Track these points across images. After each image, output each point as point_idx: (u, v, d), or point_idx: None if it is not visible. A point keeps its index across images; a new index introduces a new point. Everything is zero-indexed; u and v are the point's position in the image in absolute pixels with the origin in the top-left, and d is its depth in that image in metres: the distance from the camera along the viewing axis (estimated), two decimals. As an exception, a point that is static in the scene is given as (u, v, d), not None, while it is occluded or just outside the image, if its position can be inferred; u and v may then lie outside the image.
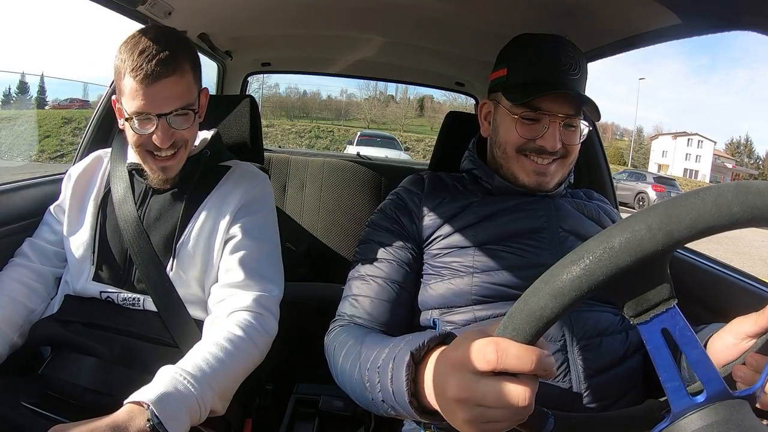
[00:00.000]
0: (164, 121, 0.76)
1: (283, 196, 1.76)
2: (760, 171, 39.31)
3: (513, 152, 0.80)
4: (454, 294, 0.77)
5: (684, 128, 39.25)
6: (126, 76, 0.74)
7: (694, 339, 0.37)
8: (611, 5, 0.92)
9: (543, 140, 0.77)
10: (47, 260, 0.88)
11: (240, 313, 0.78)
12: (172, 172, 0.83)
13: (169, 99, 0.75)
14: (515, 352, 0.36)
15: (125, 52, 0.74)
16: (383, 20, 1.32)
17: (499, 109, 0.82)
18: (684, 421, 0.38)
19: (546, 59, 0.77)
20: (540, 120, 0.77)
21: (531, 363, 0.36)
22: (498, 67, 0.84)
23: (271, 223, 0.91)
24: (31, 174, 1.22)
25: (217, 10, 1.25)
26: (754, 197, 0.33)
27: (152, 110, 0.75)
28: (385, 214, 0.86)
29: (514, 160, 0.80)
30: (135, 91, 0.73)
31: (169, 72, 0.74)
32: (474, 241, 0.78)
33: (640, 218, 0.35)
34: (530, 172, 0.79)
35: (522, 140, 0.78)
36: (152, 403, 0.60)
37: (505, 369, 0.37)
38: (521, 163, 0.80)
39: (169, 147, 0.78)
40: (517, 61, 0.80)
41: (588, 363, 0.71)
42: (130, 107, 0.75)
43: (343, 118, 30.90)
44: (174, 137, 0.78)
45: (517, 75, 0.79)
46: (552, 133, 0.76)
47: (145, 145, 0.79)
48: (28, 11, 57.82)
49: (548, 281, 0.37)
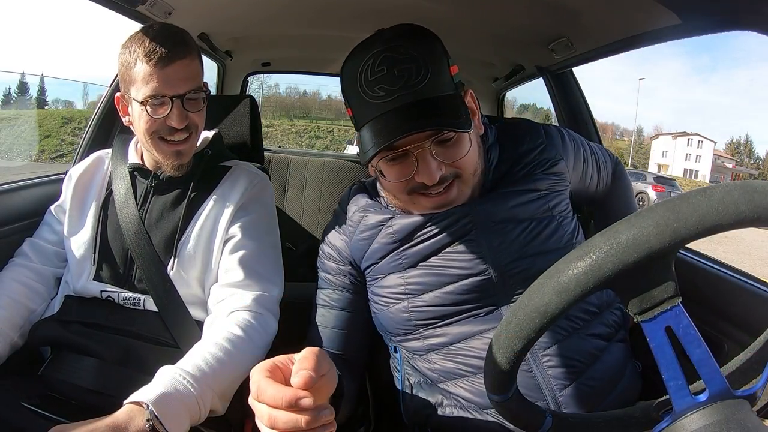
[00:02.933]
0: (179, 102, 0.78)
1: (283, 196, 1.76)
2: (760, 171, 39.34)
3: (404, 195, 0.69)
4: (395, 322, 0.75)
5: (684, 128, 39.31)
6: (138, 63, 0.75)
7: (697, 338, 0.36)
8: (611, 5, 0.92)
9: (419, 176, 0.64)
10: (47, 260, 0.88)
11: (240, 313, 0.78)
12: (185, 158, 0.84)
13: (182, 80, 0.77)
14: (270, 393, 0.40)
15: (134, 44, 0.76)
16: (383, 20, 1.32)
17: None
18: (685, 420, 0.38)
19: (378, 84, 0.61)
20: (407, 154, 0.64)
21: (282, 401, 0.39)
22: (347, 105, 0.69)
23: (271, 222, 0.91)
24: (31, 174, 1.21)
25: (217, 10, 1.25)
26: (760, 196, 0.33)
27: (167, 91, 0.76)
28: (326, 240, 0.82)
29: (409, 202, 0.70)
30: (149, 74, 0.75)
31: (181, 54, 0.77)
32: (400, 263, 0.73)
33: (647, 215, 0.35)
34: (430, 208, 0.70)
35: (401, 184, 0.66)
36: (152, 404, 0.60)
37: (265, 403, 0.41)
38: (418, 202, 0.69)
39: (182, 130, 0.80)
40: (353, 98, 0.65)
41: (555, 372, 0.67)
42: (143, 92, 0.76)
43: (343, 118, 30.86)
44: (188, 119, 0.80)
45: (359, 115, 0.65)
46: (425, 166, 0.63)
47: (159, 131, 0.79)
48: (28, 11, 57.82)
49: (553, 276, 0.37)
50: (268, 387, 0.40)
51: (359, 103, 0.64)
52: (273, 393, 0.40)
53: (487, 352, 0.44)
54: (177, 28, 0.81)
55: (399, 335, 0.76)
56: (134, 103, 0.78)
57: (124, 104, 0.82)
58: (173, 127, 0.78)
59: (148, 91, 0.76)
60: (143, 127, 0.79)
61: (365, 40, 0.67)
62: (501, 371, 0.42)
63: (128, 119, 0.83)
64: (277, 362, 0.43)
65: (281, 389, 0.40)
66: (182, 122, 0.79)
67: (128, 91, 0.79)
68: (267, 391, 0.40)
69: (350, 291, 0.80)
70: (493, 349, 0.42)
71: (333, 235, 0.81)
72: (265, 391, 0.40)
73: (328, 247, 0.82)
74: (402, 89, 0.61)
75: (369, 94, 0.62)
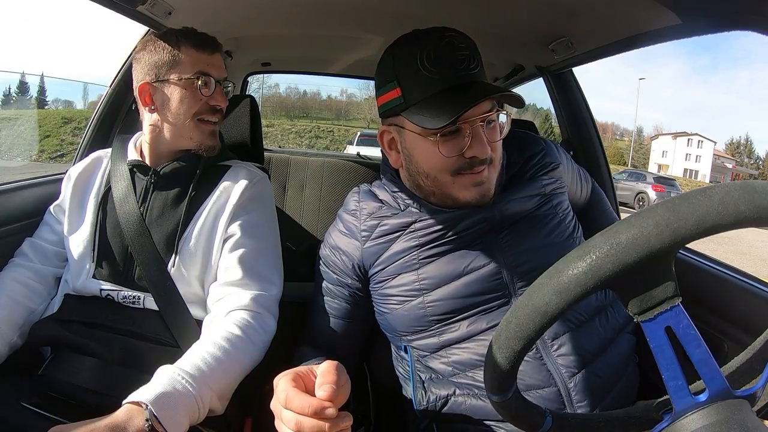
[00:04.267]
0: (220, 86, 0.87)
1: (283, 196, 1.76)
2: (760, 171, 39.32)
3: (447, 176, 0.71)
4: (410, 320, 0.75)
5: (684, 128, 39.28)
6: (184, 48, 0.84)
7: (697, 338, 0.36)
8: (611, 5, 0.92)
9: (472, 150, 0.67)
10: (47, 260, 0.88)
11: (238, 313, 0.78)
12: (217, 139, 0.91)
13: (222, 68, 0.88)
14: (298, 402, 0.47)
15: (179, 35, 0.85)
16: (383, 20, 1.32)
17: (407, 135, 0.72)
18: (685, 420, 0.38)
19: (442, 61, 0.66)
20: (460, 130, 0.67)
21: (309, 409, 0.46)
22: (386, 89, 0.71)
23: (271, 222, 0.91)
24: (31, 174, 1.21)
25: (217, 11, 1.25)
26: (760, 196, 0.33)
27: (214, 74, 0.86)
28: (327, 244, 0.84)
29: (449, 183, 0.71)
30: (198, 57, 0.85)
31: (219, 48, 0.89)
32: (415, 263, 0.75)
33: (647, 215, 0.35)
34: (470, 187, 0.71)
35: (452, 160, 0.69)
36: (150, 403, 0.60)
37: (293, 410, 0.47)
38: (459, 183, 0.71)
39: (219, 112, 0.88)
40: (410, 75, 0.68)
41: (566, 361, 0.70)
42: (192, 70, 0.84)
43: (343, 118, 30.90)
44: (225, 102, 0.89)
45: (415, 92, 0.67)
46: (478, 140, 0.67)
47: (201, 112, 0.86)
48: (28, 11, 57.82)
49: (553, 276, 0.37)
50: (296, 396, 0.47)
51: (418, 80, 0.67)
52: (300, 402, 0.46)
53: (486, 352, 0.44)
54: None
55: (412, 333, 0.77)
56: (173, 87, 0.84)
57: (149, 93, 0.85)
58: (215, 107, 0.87)
59: (198, 69, 0.84)
60: (186, 106, 0.84)
61: (415, 31, 0.71)
62: (501, 371, 0.42)
63: (153, 107, 0.85)
64: (299, 372, 0.50)
65: (308, 399, 0.46)
66: (225, 101, 0.88)
67: (167, 75, 0.84)
68: (295, 400, 0.47)
69: (349, 302, 0.83)
70: (493, 348, 0.42)
71: (341, 240, 0.81)
72: (293, 400, 0.47)
73: (333, 254, 0.82)
74: (463, 70, 0.67)
75: (432, 71, 0.66)
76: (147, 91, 0.85)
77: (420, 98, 0.67)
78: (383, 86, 0.72)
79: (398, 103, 0.70)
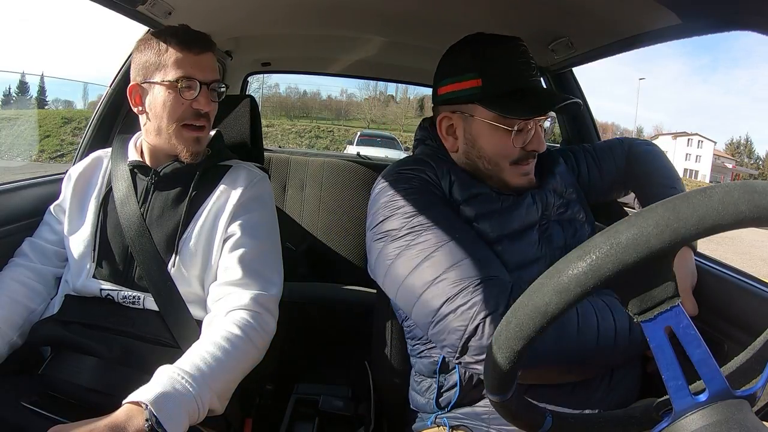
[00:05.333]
0: (205, 88, 0.83)
1: (283, 196, 1.76)
2: (760, 171, 39.31)
3: (506, 164, 0.78)
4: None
5: (684, 128, 39.18)
6: (170, 49, 0.81)
7: (697, 338, 0.36)
8: (611, 5, 0.92)
9: (533, 145, 0.77)
10: (47, 260, 0.88)
11: (238, 312, 0.78)
12: (202, 144, 0.88)
13: (210, 69, 0.84)
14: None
15: (163, 35, 0.82)
16: (383, 20, 1.32)
17: (475, 122, 0.78)
18: (685, 420, 0.38)
19: (520, 65, 0.76)
20: (527, 126, 0.77)
21: None
22: (463, 77, 0.78)
23: (271, 222, 0.91)
24: (31, 174, 1.21)
25: (217, 10, 1.25)
26: (760, 196, 0.33)
27: (199, 76, 0.82)
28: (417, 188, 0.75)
29: (507, 170, 0.79)
30: (183, 59, 0.81)
31: (209, 48, 0.84)
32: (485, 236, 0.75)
33: (647, 215, 0.35)
34: (520, 176, 0.80)
35: (515, 150, 0.77)
36: (150, 403, 0.60)
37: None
38: (514, 171, 0.79)
39: (203, 116, 0.84)
40: (494, 70, 0.76)
41: None
42: (175, 74, 0.80)
43: (343, 118, 30.89)
44: (210, 106, 0.85)
45: (496, 85, 0.76)
46: (539, 137, 0.78)
47: (184, 116, 0.83)
48: (27, 11, 57.84)
49: (553, 276, 0.37)
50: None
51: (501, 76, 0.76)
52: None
53: (486, 352, 0.44)
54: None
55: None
56: (158, 88, 0.81)
57: (139, 94, 0.84)
58: (198, 111, 0.83)
59: (180, 72, 0.80)
60: (168, 111, 0.82)
61: (494, 34, 0.80)
62: (501, 371, 0.42)
63: (141, 109, 0.84)
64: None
65: None
66: (209, 106, 0.84)
67: (152, 77, 0.81)
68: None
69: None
70: (493, 349, 0.42)
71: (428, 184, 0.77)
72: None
73: (421, 176, 0.77)
74: (533, 76, 0.78)
75: (513, 72, 0.76)
76: (137, 92, 0.84)
77: (500, 92, 0.76)
78: (456, 75, 0.78)
79: (475, 92, 0.77)
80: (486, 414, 0.74)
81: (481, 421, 0.75)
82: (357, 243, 1.73)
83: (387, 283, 0.74)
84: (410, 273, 0.69)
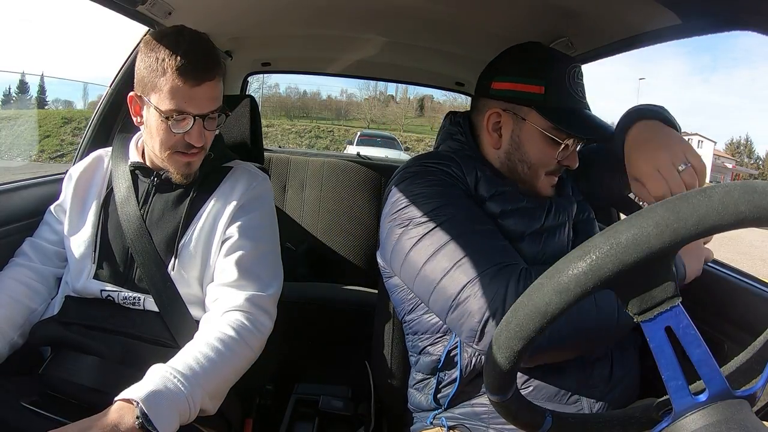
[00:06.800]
0: (200, 121, 0.78)
1: (283, 196, 1.76)
2: (760, 171, 39.29)
3: (542, 173, 0.81)
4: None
5: (684, 128, 39.08)
6: (167, 74, 0.74)
7: (697, 338, 0.36)
8: (611, 5, 0.92)
9: (569, 161, 0.80)
10: (48, 260, 0.88)
11: (233, 313, 0.78)
12: (194, 167, 0.85)
13: (208, 100, 0.78)
14: None
15: (164, 50, 0.74)
16: (383, 20, 1.32)
17: (526, 126, 0.79)
18: (685, 420, 0.38)
19: (578, 86, 0.79)
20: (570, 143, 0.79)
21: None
22: (529, 81, 0.78)
23: (270, 222, 0.91)
24: (31, 174, 1.21)
25: (217, 10, 1.25)
26: (760, 196, 0.33)
27: (192, 110, 0.76)
28: (441, 182, 0.75)
29: (542, 179, 0.82)
30: (178, 90, 0.74)
31: (212, 75, 0.77)
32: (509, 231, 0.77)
33: (647, 215, 0.35)
34: (549, 187, 0.83)
35: (554, 162, 0.80)
36: (141, 401, 0.60)
37: None
38: (547, 180, 0.82)
39: (196, 147, 0.80)
40: (559, 83, 0.77)
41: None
42: (168, 105, 0.75)
43: (343, 118, 30.85)
44: (204, 137, 0.80)
45: (558, 98, 0.77)
46: (575, 154, 0.81)
47: (176, 146, 0.79)
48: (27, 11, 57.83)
49: (553, 276, 0.37)
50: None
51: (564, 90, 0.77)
52: None
53: (486, 352, 0.44)
54: (208, 41, 0.80)
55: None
56: (153, 111, 0.77)
57: (138, 105, 0.81)
58: (190, 143, 0.79)
59: (173, 105, 0.75)
60: (160, 139, 0.79)
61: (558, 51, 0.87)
62: (501, 371, 0.42)
63: (140, 119, 0.82)
64: None
65: None
66: (200, 141, 0.79)
67: (148, 95, 0.77)
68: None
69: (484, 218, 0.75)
70: (493, 348, 0.42)
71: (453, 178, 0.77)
72: None
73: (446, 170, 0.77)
74: (585, 99, 0.80)
75: (574, 90, 0.78)
76: (136, 103, 0.81)
77: (560, 105, 0.77)
78: (523, 76, 0.79)
79: (537, 98, 0.77)
80: (485, 414, 0.74)
81: (480, 421, 0.75)
82: (357, 243, 1.73)
83: (405, 269, 0.74)
84: (429, 259, 0.69)
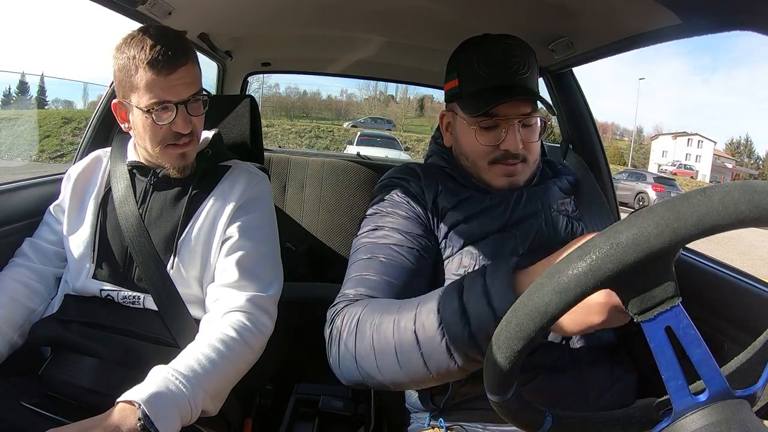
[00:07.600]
0: (183, 108, 0.78)
1: (283, 196, 1.76)
2: (760, 171, 39.30)
3: (485, 163, 0.80)
4: None
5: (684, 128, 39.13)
6: (140, 70, 0.74)
7: (697, 338, 0.36)
8: (611, 5, 0.92)
9: (505, 144, 0.77)
10: (47, 260, 0.88)
11: (234, 314, 0.78)
12: (189, 158, 0.85)
13: (186, 85, 0.78)
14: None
15: (133, 49, 0.75)
16: (383, 20, 1.32)
17: (458, 120, 0.82)
18: (685, 420, 0.38)
19: (494, 64, 0.77)
20: (498, 125, 0.77)
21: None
22: (449, 78, 0.83)
23: (269, 222, 0.91)
24: (31, 174, 1.21)
25: (217, 10, 1.25)
26: (760, 196, 0.33)
27: (172, 98, 0.77)
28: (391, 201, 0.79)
29: (485, 169, 0.80)
30: (153, 82, 0.75)
31: (184, 60, 0.77)
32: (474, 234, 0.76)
33: (647, 215, 0.35)
34: (501, 176, 0.80)
35: (488, 149, 0.78)
36: (143, 403, 0.60)
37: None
38: (494, 170, 0.80)
39: (187, 134, 0.80)
40: (467, 71, 0.79)
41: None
42: (147, 99, 0.76)
43: (343, 118, 30.87)
44: (191, 123, 0.80)
45: (468, 85, 0.79)
46: (512, 136, 0.76)
47: (165, 139, 0.80)
48: (28, 11, 57.83)
49: (553, 276, 0.37)
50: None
51: (472, 75, 0.78)
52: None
53: (486, 352, 0.44)
54: (174, 31, 0.80)
55: None
56: (136, 111, 0.78)
57: (123, 110, 0.81)
58: (179, 132, 0.79)
59: (152, 98, 0.75)
60: (149, 136, 0.79)
61: (485, 35, 0.81)
62: (501, 371, 0.42)
63: (128, 125, 0.82)
64: None
65: None
66: (187, 127, 0.79)
67: (128, 97, 0.78)
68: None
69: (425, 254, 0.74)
70: (493, 348, 0.42)
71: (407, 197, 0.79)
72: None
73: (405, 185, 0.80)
74: (513, 74, 0.76)
75: (485, 71, 0.77)
76: (122, 109, 0.81)
77: (472, 91, 0.78)
78: (447, 75, 0.84)
79: (455, 92, 0.81)
80: (482, 415, 0.74)
81: (478, 422, 0.75)
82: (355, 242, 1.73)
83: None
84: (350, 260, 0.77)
